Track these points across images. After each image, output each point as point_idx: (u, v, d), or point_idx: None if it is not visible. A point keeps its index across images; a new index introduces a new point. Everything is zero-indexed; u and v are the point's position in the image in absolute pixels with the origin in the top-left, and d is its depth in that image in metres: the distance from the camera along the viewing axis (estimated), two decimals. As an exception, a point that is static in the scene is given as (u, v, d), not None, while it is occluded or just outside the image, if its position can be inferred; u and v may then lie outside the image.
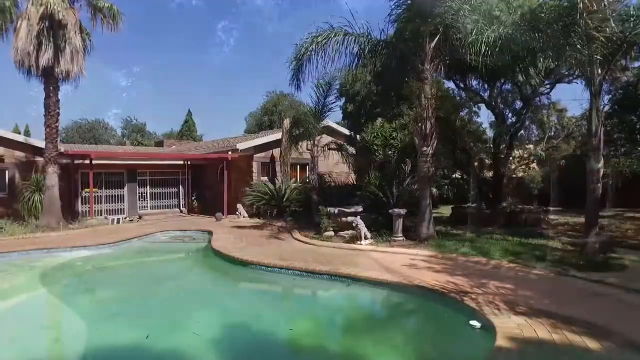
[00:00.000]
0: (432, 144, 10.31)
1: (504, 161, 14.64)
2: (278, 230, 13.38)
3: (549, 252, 8.96)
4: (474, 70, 11.45)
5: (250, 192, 16.92)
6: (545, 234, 11.86)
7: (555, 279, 7.18)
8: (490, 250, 9.05)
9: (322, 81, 13.30)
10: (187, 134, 36.71)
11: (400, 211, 10.42)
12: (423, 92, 10.25)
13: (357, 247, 10.10)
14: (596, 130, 8.77)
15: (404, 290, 6.94)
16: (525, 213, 13.52)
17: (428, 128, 10.20)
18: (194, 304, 7.30)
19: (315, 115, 13.58)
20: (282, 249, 10.33)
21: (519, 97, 13.29)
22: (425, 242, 10.12)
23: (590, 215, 8.94)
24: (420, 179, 10.46)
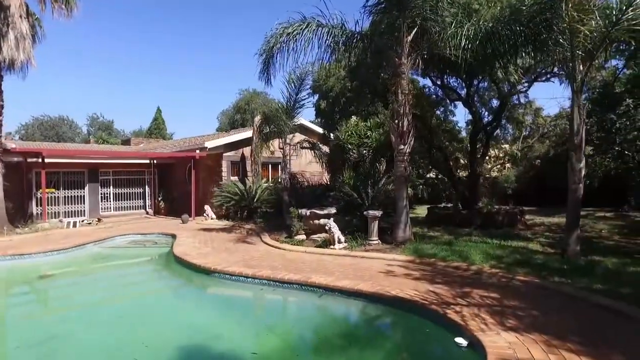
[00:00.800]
0: (410, 142, 9.73)
1: (481, 161, 14.28)
2: (247, 233, 12.56)
3: (530, 256, 8.51)
4: (452, 67, 10.94)
5: (219, 192, 16.02)
6: (523, 235, 11.50)
7: (540, 287, 6.67)
8: (470, 255, 8.52)
9: (293, 76, 12.57)
10: (157, 132, 35.20)
11: (376, 213, 9.80)
12: (400, 87, 9.65)
13: (330, 252, 9.41)
14: (578, 128, 8.37)
15: (382, 302, 6.29)
16: (502, 214, 13.16)
17: (405, 125, 9.62)
18: (146, 322, 6.43)
19: (286, 111, 12.83)
20: (249, 254, 9.54)
21: (496, 95, 12.91)
22: (402, 245, 9.53)
23: (571, 217, 8.53)
24: (396, 179, 9.87)
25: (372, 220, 9.84)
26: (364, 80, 12.28)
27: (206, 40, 79.45)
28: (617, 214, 15.98)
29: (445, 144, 15.97)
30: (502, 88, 12.22)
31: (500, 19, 9.01)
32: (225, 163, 17.57)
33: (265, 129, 12.71)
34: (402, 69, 9.69)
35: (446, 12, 9.68)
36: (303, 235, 10.90)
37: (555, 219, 15.11)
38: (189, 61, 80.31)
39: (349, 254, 9.21)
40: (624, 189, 16.46)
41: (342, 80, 12.63)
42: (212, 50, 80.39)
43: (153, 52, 77.48)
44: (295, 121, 13.37)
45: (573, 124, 8.44)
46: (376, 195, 11.20)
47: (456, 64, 10.30)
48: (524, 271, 7.38)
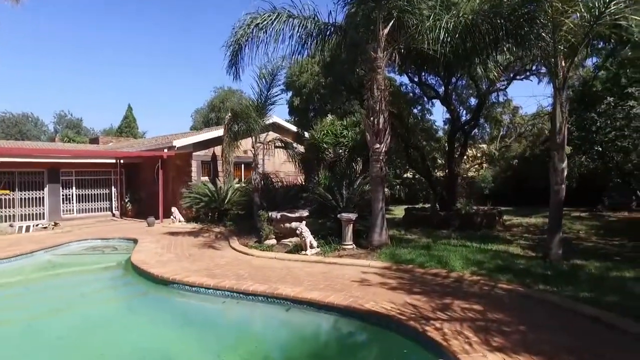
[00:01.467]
0: (386, 141, 9.15)
1: (458, 160, 13.87)
2: (215, 237, 11.76)
3: (512, 261, 8.03)
4: (430, 63, 10.45)
5: (187, 193, 15.13)
6: (502, 237, 11.10)
7: (524, 296, 6.17)
8: (449, 260, 7.99)
9: (265, 71, 11.82)
10: (127, 130, 33.74)
11: (350, 216, 9.18)
12: (375, 83, 9.06)
13: (302, 258, 8.74)
14: (560, 126, 7.95)
15: (355, 316, 5.66)
16: (480, 215, 12.76)
17: (381, 123, 9.03)
18: (88, 343, 5.60)
19: (257, 109, 12.07)
20: (214, 261, 8.77)
21: (475, 94, 12.51)
22: (378, 250, 8.94)
23: (553, 220, 8.11)
24: (372, 180, 9.27)
25: (347, 223, 9.22)
26: (338, 76, 11.67)
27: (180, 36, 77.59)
28: (592, 214, 15.87)
29: (423, 143, 15.53)
30: (481, 86, 11.80)
31: (480, 12, 8.52)
32: (195, 163, 16.67)
33: (234, 127, 11.91)
34: (378, 63, 9.10)
35: (424, 5, 9.15)
36: (274, 239, 10.19)
37: (532, 220, 14.87)
38: (162, 57, 78.21)
39: (321, 260, 8.56)
40: (598, 189, 16.39)
41: (315, 77, 11.99)
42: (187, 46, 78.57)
43: (125, 47, 75.02)
44: (267, 119, 12.63)
45: (555, 122, 8.02)
46: (351, 196, 10.58)
47: (434, 60, 9.81)
48: (507, 278, 6.89)
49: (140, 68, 76.76)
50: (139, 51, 75.98)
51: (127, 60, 74.87)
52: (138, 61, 76.01)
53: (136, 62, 75.85)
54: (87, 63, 72.18)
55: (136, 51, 75.59)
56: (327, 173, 19.05)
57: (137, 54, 75.99)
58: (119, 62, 74.46)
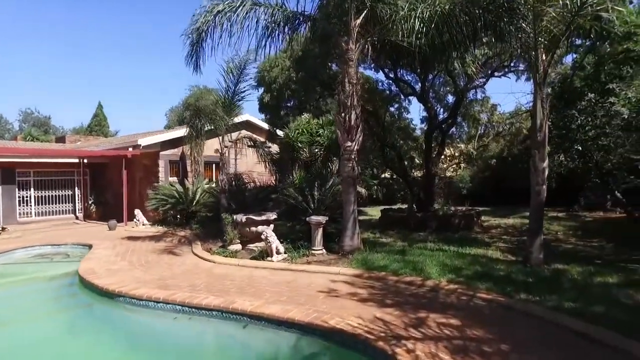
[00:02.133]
0: (358, 139, 8.50)
1: (436, 160, 13.36)
2: (178, 242, 10.92)
3: (491, 266, 7.48)
4: (405, 57, 9.84)
5: (153, 195, 14.18)
6: (480, 239, 10.60)
7: (506, 307, 5.59)
8: (425, 266, 7.39)
9: (232, 64, 11.02)
10: (97, 129, 32.27)
11: (320, 219, 8.49)
12: (347, 76, 8.40)
13: (267, 265, 8.01)
14: (541, 124, 7.44)
15: (318, 334, 4.97)
16: (458, 216, 12.25)
17: (353, 119, 8.37)
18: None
19: (224, 105, 11.26)
20: (171, 270, 7.96)
21: (452, 90, 12.01)
22: (350, 255, 8.28)
23: (534, 222, 7.59)
24: (343, 180, 8.60)
25: (316, 227, 8.53)
26: (310, 71, 10.98)
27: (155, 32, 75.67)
28: (568, 214, 15.63)
29: (400, 142, 14.99)
30: (459, 82, 11.29)
31: (458, 2, 7.95)
32: (162, 162, 15.73)
33: (197, 125, 11.06)
34: (349, 55, 8.44)
35: (398, -6, 8.53)
36: (239, 244, 9.43)
37: (510, 220, 14.49)
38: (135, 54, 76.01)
39: (287, 267, 7.84)
40: (576, 189, 16.15)
41: (286, 71, 11.28)
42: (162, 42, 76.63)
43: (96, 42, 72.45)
44: (236, 117, 11.83)
45: (536, 119, 7.51)
46: (323, 198, 9.89)
47: (410, 54, 9.23)
48: (486, 286, 6.30)
49: (114, 64, 74.31)
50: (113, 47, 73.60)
51: (100, 56, 72.25)
52: (111, 57, 73.51)
53: (109, 58, 73.31)
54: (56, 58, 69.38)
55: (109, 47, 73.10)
56: (302, 173, 18.38)
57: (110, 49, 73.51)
58: (91, 58, 71.65)
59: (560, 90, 9.12)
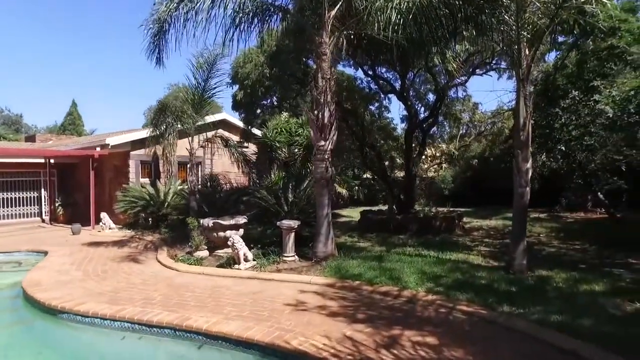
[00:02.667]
0: (332, 138, 7.94)
1: (417, 160, 12.91)
2: (144, 248, 10.20)
3: (473, 273, 7.00)
4: (384, 53, 9.33)
5: (122, 197, 13.39)
6: (462, 242, 10.17)
7: (488, 321, 5.09)
8: (403, 274, 6.87)
9: (201, 59, 10.36)
10: (72, 128, 31.01)
11: (291, 223, 7.90)
12: (320, 71, 7.83)
13: (233, 274, 7.40)
14: (524, 122, 6.99)
15: (278, 357, 4.40)
16: (439, 219, 11.81)
17: (326, 117, 7.80)
18: None
19: (194, 103, 10.58)
20: (129, 280, 7.27)
21: (433, 88, 11.56)
22: (324, 262, 7.72)
23: (517, 226, 7.15)
24: (316, 182, 8.03)
25: (287, 232, 7.93)
26: (285, 67, 10.37)
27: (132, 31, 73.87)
28: (550, 214, 15.40)
29: (380, 142, 14.50)
30: (439, 80, 10.84)
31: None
32: (133, 163, 14.93)
33: (162, 123, 10.34)
34: (323, 49, 7.87)
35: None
36: (205, 250, 8.77)
37: (492, 222, 14.14)
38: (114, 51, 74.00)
39: (255, 276, 7.23)
40: (557, 189, 15.93)
41: (260, 67, 10.67)
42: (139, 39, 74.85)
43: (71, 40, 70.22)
44: (207, 114, 11.16)
45: (519, 117, 7.06)
46: (297, 200, 9.31)
47: (388, 49, 8.71)
48: (467, 297, 5.80)
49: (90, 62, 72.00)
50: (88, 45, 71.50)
51: (75, 53, 69.86)
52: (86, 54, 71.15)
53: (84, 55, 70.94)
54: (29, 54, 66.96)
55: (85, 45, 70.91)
56: (281, 174, 17.77)
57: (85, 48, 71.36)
58: (65, 54, 69.13)
59: (544, 88, 8.72)
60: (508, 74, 11.67)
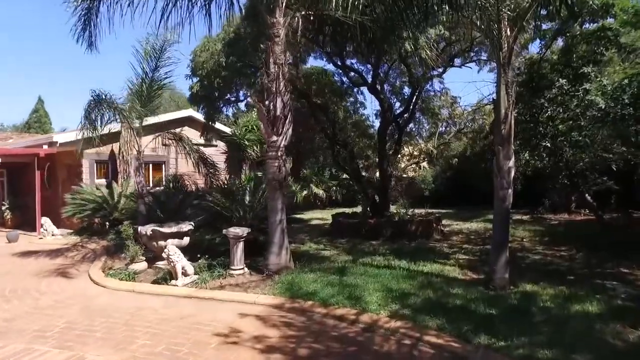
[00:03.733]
0: (286, 133, 6.79)
1: (393, 159, 11.85)
2: (82, 258, 8.91)
3: (447, 291, 5.92)
4: (351, 39, 8.21)
5: (71, 199, 12.04)
6: (439, 249, 9.13)
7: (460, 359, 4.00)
8: (365, 292, 5.76)
9: (149, 46, 9.12)
10: (37, 126, 29.22)
11: (238, 231, 6.73)
12: (272, 55, 6.68)
13: (168, 291, 6.20)
14: (506, 114, 5.95)
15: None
16: (416, 222, 10.75)
17: (279, 108, 6.65)
18: None
19: (141, 95, 9.32)
20: (38, 302, 6.01)
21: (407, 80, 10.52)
22: (276, 277, 6.57)
23: (499, 235, 6.10)
24: (268, 183, 6.86)
25: (235, 241, 6.76)
26: (241, 55, 9.19)
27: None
28: (533, 216, 14.51)
29: (355, 140, 13.41)
30: (414, 71, 9.77)
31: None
32: (86, 162, 13.56)
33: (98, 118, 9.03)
34: (276, 30, 6.72)
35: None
36: (144, 262, 7.53)
37: (473, 225, 13.16)
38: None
39: (192, 294, 6.04)
40: (539, 189, 15.05)
41: (216, 56, 9.50)
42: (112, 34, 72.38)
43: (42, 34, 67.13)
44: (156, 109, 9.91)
45: (500, 108, 6.02)
46: (254, 204, 8.15)
47: (355, 34, 7.61)
48: (437, 324, 4.72)
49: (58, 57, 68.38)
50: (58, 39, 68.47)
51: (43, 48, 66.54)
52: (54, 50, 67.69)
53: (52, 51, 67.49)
54: None
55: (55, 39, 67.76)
56: (251, 174, 16.58)
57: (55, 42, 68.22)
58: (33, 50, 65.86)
59: (528, 77, 7.71)
60: (489, 66, 10.72)
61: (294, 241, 10.38)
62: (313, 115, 11.40)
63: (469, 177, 16.23)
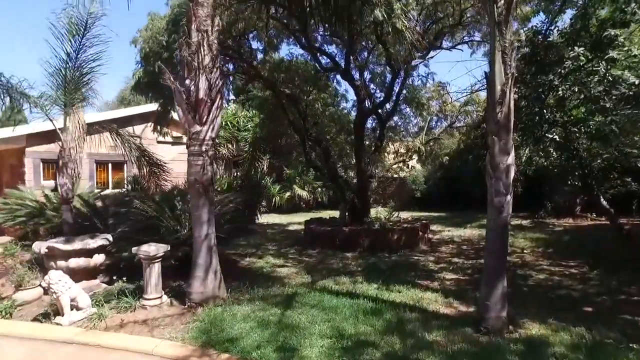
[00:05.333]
0: (214, 121, 5.08)
1: (374, 157, 10.14)
2: (-13, 278, 7.20)
3: (421, 334, 4.22)
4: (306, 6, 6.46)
5: (2, 204, 10.35)
6: (423, 265, 7.44)
7: None
8: (306, 338, 4.06)
9: (71, 19, 7.39)
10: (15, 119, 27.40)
11: (151, 249, 5.03)
12: (195, 20, 4.97)
13: (45, 334, 4.50)
14: (503, 92, 4.24)
15: None
16: (398, 231, 9.04)
17: (202, 89, 4.94)
18: None
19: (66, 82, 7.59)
20: None
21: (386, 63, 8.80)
22: (200, 309, 4.87)
23: (494, 258, 4.38)
24: (190, 187, 5.14)
25: (148, 263, 5.06)
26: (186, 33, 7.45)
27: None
28: (533, 221, 12.82)
29: (334, 136, 11.70)
30: (393, 51, 8.02)
31: None
32: (30, 161, 11.87)
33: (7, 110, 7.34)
34: (200, -15, 5.01)
35: None
36: (38, 288, 5.80)
37: (466, 232, 11.47)
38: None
39: (75, 338, 4.35)
40: (541, 190, 13.36)
41: (157, 35, 7.78)
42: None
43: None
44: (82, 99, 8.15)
45: (494, 84, 4.32)
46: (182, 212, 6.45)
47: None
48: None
49: None
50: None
51: None
52: None
53: None
54: None
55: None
56: (224, 175, 14.87)
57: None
58: None
59: (531, 48, 5.94)
60: (484, 48, 9.02)
61: (255, 252, 8.71)
62: (281, 107, 9.71)
63: (461, 177, 14.55)
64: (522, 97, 6.00)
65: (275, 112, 10.24)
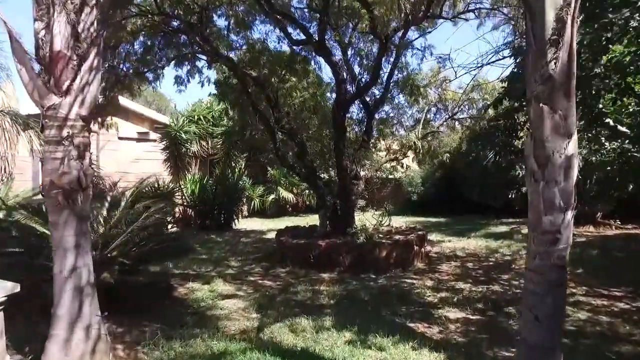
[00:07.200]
0: (84, 89, 3.09)
1: (359, 154, 8.20)
2: None
3: None
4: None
5: None
6: (415, 297, 5.49)
7: None
8: None
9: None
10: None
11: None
12: None
13: None
14: (561, 21, 2.26)
15: None
16: (387, 246, 7.07)
17: (62, 34, 2.96)
18: None
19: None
20: None
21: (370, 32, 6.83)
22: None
23: (541, 332, 2.40)
24: (46, 194, 3.17)
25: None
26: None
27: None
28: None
29: (316, 129, 9.75)
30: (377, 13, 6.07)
31: None
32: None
33: None
34: None
35: None
36: None
37: (471, 242, 9.49)
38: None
39: None
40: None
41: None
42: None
43: None
44: None
45: (543, 8, 2.33)
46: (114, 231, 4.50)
47: None
48: None
49: None
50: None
51: None
52: None
53: None
54: None
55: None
56: (195, 175, 12.99)
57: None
58: None
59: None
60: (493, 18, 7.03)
61: (206, 273, 6.74)
62: (246, 92, 7.79)
63: (464, 178, 12.61)
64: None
65: (241, 98, 8.33)
